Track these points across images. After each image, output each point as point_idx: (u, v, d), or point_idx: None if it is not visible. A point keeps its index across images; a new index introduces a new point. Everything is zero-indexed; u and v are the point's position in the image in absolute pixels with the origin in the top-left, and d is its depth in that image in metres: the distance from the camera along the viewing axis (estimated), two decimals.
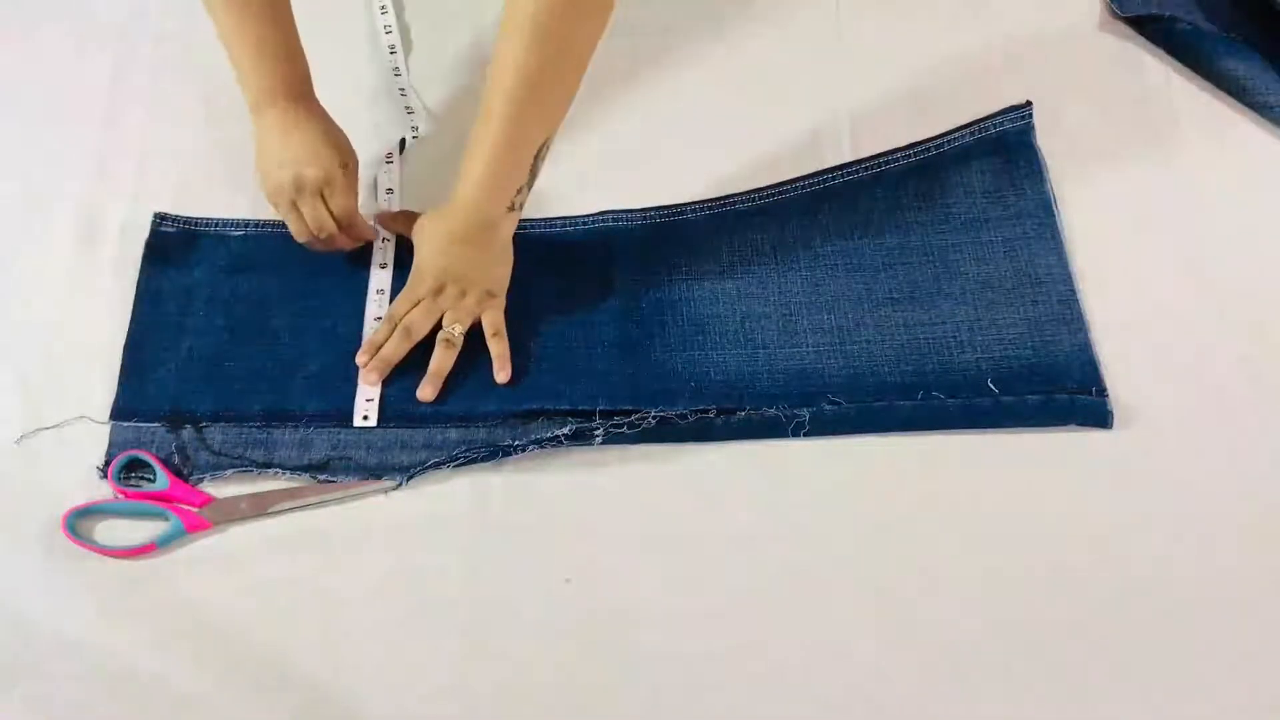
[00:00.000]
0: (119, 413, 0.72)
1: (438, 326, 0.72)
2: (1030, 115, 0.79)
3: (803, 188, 0.79)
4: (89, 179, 0.82)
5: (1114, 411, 0.69)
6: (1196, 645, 0.63)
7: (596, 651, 0.65)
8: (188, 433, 0.72)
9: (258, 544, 0.69)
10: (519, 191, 0.69)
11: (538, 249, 0.77)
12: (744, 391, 0.72)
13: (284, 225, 0.80)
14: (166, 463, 0.70)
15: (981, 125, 0.79)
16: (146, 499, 0.70)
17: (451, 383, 0.73)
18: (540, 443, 0.69)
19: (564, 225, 0.79)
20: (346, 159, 0.74)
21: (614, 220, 0.79)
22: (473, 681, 0.65)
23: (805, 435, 0.70)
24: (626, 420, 0.69)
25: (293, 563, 0.68)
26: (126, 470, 0.70)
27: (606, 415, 0.70)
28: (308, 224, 0.73)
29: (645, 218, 0.79)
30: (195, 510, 0.69)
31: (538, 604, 0.67)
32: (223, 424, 0.72)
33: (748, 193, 0.80)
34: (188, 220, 0.80)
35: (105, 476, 0.70)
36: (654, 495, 0.70)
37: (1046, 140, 0.78)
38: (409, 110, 0.84)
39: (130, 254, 0.79)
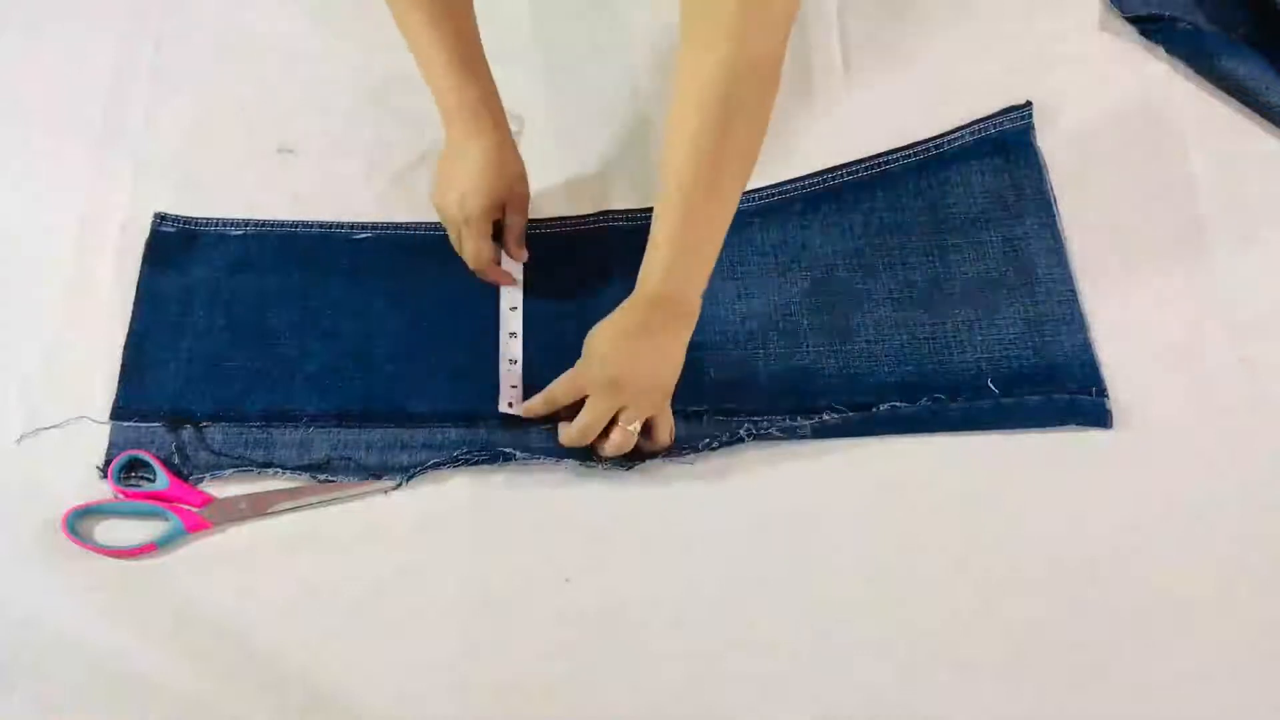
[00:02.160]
0: (119, 413, 0.73)
1: None
2: (1030, 115, 0.79)
3: (803, 188, 0.79)
4: (89, 179, 0.82)
5: (1114, 411, 0.69)
6: (1197, 645, 0.63)
7: (596, 651, 0.65)
8: (187, 432, 0.72)
9: (258, 544, 0.69)
10: (709, 274, 0.66)
11: (537, 249, 0.77)
12: (744, 392, 0.72)
13: (284, 225, 0.80)
14: (166, 463, 0.70)
15: (981, 125, 0.79)
16: (146, 499, 0.70)
17: (456, 381, 0.73)
18: (545, 453, 0.70)
19: (564, 225, 0.79)
20: (508, 193, 0.73)
21: (614, 220, 0.79)
22: (473, 681, 0.65)
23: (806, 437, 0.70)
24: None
25: (292, 563, 0.68)
26: (126, 470, 0.70)
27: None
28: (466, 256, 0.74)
29: (645, 218, 0.79)
30: (195, 510, 0.69)
31: (538, 604, 0.67)
32: (222, 424, 0.72)
33: (748, 193, 0.79)
34: (188, 220, 0.80)
35: (105, 476, 0.70)
36: (654, 495, 0.70)
37: (1046, 140, 0.78)
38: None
39: (130, 254, 0.79)
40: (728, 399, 0.72)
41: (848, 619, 0.65)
